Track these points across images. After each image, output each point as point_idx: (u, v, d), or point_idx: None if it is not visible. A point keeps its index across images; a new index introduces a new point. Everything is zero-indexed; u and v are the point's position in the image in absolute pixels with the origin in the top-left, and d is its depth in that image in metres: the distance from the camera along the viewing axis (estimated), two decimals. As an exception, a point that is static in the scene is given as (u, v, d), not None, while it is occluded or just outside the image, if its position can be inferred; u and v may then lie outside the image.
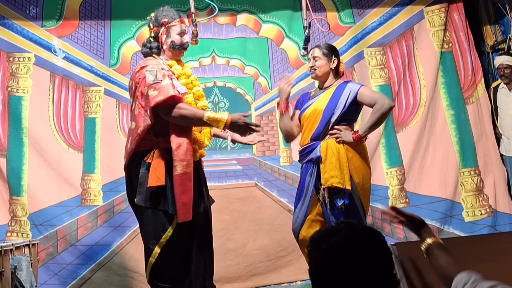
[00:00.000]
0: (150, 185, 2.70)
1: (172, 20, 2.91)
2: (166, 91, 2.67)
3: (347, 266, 1.19)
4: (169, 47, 2.92)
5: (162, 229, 2.74)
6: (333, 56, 3.29)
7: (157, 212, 2.75)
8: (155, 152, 2.75)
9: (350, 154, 3.12)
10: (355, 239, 1.23)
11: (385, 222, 4.72)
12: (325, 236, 1.28)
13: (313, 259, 1.27)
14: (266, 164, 4.82)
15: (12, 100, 4.42)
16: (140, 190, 2.75)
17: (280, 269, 4.45)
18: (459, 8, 5.09)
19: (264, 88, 4.93)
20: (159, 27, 2.90)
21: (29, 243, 3.63)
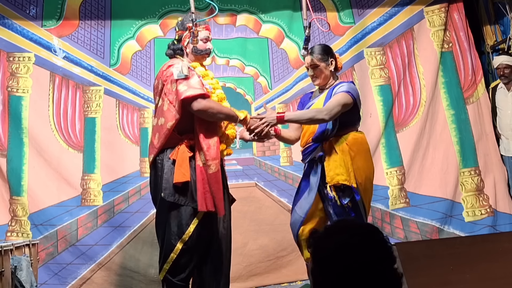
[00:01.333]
0: (176, 181, 2.78)
1: (197, 26, 3.01)
2: (195, 87, 2.82)
3: (352, 264, 1.19)
4: (191, 51, 3.03)
5: (185, 224, 2.80)
6: (329, 57, 3.23)
7: (181, 208, 2.82)
8: (179, 148, 2.83)
9: (352, 153, 3.10)
10: (359, 237, 1.24)
11: (385, 222, 4.72)
12: (329, 236, 1.28)
13: (318, 259, 1.27)
14: (266, 164, 4.82)
15: (12, 100, 4.42)
16: (166, 186, 2.82)
17: (280, 269, 4.45)
18: (459, 8, 5.09)
19: (264, 88, 4.93)
20: (184, 31, 3.04)
21: (29, 243, 3.64)
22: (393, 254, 1.25)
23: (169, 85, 2.85)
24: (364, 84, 4.95)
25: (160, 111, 2.89)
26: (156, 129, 2.92)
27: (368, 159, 3.19)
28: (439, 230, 4.69)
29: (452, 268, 2.35)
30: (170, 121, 2.83)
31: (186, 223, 2.81)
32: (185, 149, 2.84)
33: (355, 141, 3.13)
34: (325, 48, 3.28)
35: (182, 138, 2.87)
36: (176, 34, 3.08)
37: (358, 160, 3.10)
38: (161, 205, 2.88)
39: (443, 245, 2.75)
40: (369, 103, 4.90)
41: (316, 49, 3.26)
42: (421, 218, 4.71)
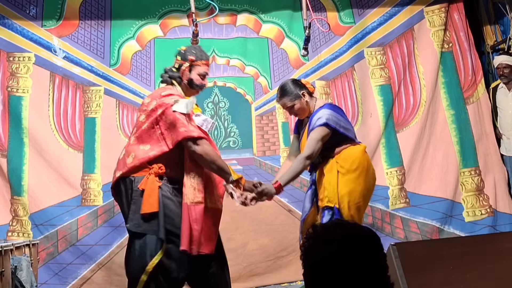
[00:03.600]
0: (144, 212, 2.71)
1: (198, 60, 2.97)
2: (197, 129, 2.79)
3: (342, 273, 1.19)
4: (186, 83, 2.98)
5: (149, 255, 2.70)
6: (299, 91, 3.21)
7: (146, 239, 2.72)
8: (148, 178, 2.76)
9: (343, 170, 3.10)
10: (351, 246, 1.22)
11: (385, 222, 4.72)
12: (320, 242, 1.26)
13: (308, 266, 1.26)
14: (266, 164, 4.82)
15: (12, 100, 4.42)
16: (133, 217, 2.74)
17: (280, 269, 4.45)
18: (459, 8, 5.09)
19: (264, 88, 4.93)
20: (184, 61, 2.97)
21: (29, 243, 3.64)
22: (386, 262, 1.24)
23: (164, 115, 2.78)
24: (364, 84, 4.95)
25: (146, 135, 2.82)
26: (133, 149, 2.84)
27: (361, 177, 3.12)
28: (439, 230, 4.69)
29: (452, 268, 2.35)
30: (154, 151, 2.77)
31: (150, 254, 2.70)
32: (154, 179, 2.76)
33: (347, 157, 3.13)
34: (291, 86, 3.23)
35: (152, 167, 2.79)
36: (176, 62, 3.00)
37: (347, 177, 3.09)
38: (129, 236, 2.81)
39: (443, 245, 2.74)
40: (369, 103, 4.90)
41: (284, 91, 3.23)
42: (421, 218, 4.71)
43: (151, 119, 2.82)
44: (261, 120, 4.90)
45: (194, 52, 2.98)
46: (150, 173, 2.77)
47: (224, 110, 4.87)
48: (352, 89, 4.99)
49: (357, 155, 3.16)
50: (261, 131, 4.89)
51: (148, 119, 2.83)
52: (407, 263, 2.28)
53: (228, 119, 4.86)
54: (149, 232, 2.72)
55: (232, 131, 4.84)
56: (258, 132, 4.88)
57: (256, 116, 4.90)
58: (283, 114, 4.90)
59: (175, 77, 2.97)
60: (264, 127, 4.89)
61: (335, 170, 3.11)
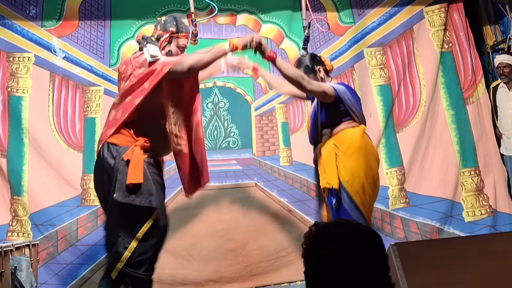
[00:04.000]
0: (130, 182, 2.75)
1: (179, 32, 2.99)
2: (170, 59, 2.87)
3: (343, 273, 1.19)
4: (165, 54, 2.99)
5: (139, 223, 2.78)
6: (315, 65, 3.26)
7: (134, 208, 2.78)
8: (134, 149, 2.81)
9: (339, 152, 3.11)
10: (352, 245, 1.22)
11: (385, 222, 4.72)
12: (321, 240, 1.26)
13: (310, 264, 1.26)
14: (266, 164, 4.82)
15: (12, 100, 4.42)
16: (120, 187, 2.77)
17: (280, 269, 4.45)
18: (459, 8, 5.09)
19: (264, 88, 4.93)
20: (164, 32, 2.99)
21: (29, 244, 3.64)
22: (387, 262, 1.24)
23: (142, 69, 2.86)
24: (364, 84, 4.95)
25: (127, 91, 2.89)
26: (119, 107, 2.91)
27: (360, 157, 3.11)
28: (439, 230, 4.69)
29: (452, 268, 2.35)
30: (138, 98, 2.84)
31: (139, 222, 2.78)
32: (140, 151, 2.82)
33: (344, 139, 3.13)
34: (309, 58, 3.30)
35: (138, 139, 2.86)
36: (155, 31, 3.03)
37: (345, 160, 3.08)
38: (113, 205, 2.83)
39: (443, 245, 2.75)
40: (369, 103, 4.89)
41: (301, 61, 3.29)
42: (421, 218, 4.71)
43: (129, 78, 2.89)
44: (261, 120, 4.90)
45: (175, 23, 2.99)
46: (136, 145, 2.82)
47: (224, 110, 4.87)
48: (352, 89, 4.99)
49: (354, 136, 3.15)
50: (261, 131, 4.89)
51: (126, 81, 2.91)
52: (407, 263, 2.28)
53: (228, 119, 4.86)
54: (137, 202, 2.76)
55: (232, 131, 4.84)
56: (258, 132, 4.88)
57: (255, 116, 4.90)
58: (283, 114, 4.90)
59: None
60: (263, 127, 4.89)
61: (333, 152, 3.11)
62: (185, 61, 2.84)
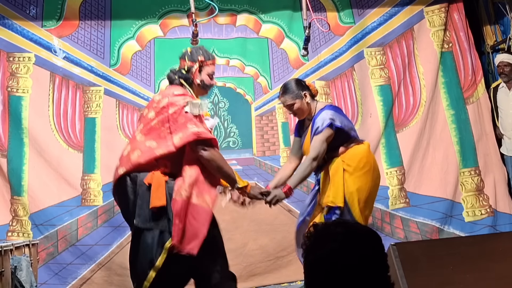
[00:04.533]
0: (153, 206, 2.67)
1: (207, 60, 2.96)
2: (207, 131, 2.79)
3: (343, 272, 1.19)
4: (197, 84, 2.95)
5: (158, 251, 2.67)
6: (301, 91, 3.24)
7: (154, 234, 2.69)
8: (154, 173, 2.74)
9: (350, 169, 3.14)
10: (352, 245, 1.22)
11: (385, 222, 4.72)
12: (321, 240, 1.26)
13: (309, 264, 1.26)
14: (266, 164, 4.82)
15: (12, 100, 4.42)
16: (140, 212, 2.70)
17: (280, 269, 4.45)
18: (459, 8, 5.09)
19: (264, 88, 4.93)
20: (193, 63, 2.93)
21: (29, 243, 3.64)
22: (387, 261, 1.23)
23: (176, 114, 2.74)
24: (364, 84, 4.95)
25: (154, 133, 2.78)
26: (139, 146, 2.79)
27: (368, 175, 3.16)
28: (439, 230, 4.69)
29: (452, 268, 2.35)
30: (161, 149, 2.73)
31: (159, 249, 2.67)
32: (160, 175, 2.73)
33: (353, 156, 3.17)
34: (295, 84, 3.27)
35: (158, 164, 2.76)
36: (184, 63, 2.95)
37: (354, 176, 3.12)
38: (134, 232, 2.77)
39: (443, 245, 2.75)
40: (369, 103, 4.90)
41: (286, 89, 3.26)
42: (421, 218, 4.71)
43: (161, 117, 2.78)
44: (261, 120, 4.90)
45: (201, 52, 2.96)
46: (156, 169, 2.75)
47: (224, 110, 4.87)
48: (352, 89, 4.99)
49: (364, 153, 3.20)
50: (261, 131, 4.89)
51: (157, 116, 2.80)
52: (407, 263, 2.28)
53: (228, 119, 4.86)
54: (157, 227, 2.68)
55: (232, 131, 4.84)
56: (258, 132, 4.88)
57: (256, 116, 4.90)
58: (283, 114, 4.90)
59: (186, 79, 2.93)
60: (264, 127, 4.89)
61: (341, 169, 3.13)
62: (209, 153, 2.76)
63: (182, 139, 2.71)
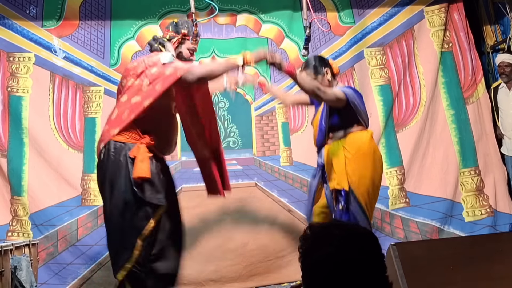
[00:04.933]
0: (136, 176, 2.75)
1: (190, 35, 3.06)
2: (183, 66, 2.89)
3: (341, 275, 1.19)
4: (176, 55, 3.05)
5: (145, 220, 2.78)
6: (323, 67, 3.29)
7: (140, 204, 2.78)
8: (140, 147, 2.82)
9: (349, 155, 3.16)
10: (349, 247, 1.21)
11: (385, 222, 4.72)
12: (318, 243, 1.25)
13: (307, 267, 1.26)
14: (266, 164, 4.82)
15: (12, 100, 4.42)
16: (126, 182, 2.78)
17: (280, 269, 4.45)
18: (459, 8, 5.08)
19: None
20: (176, 34, 3.06)
21: (29, 243, 3.64)
22: (384, 262, 1.23)
23: (154, 69, 2.87)
24: (364, 84, 4.95)
25: (134, 90, 2.88)
26: (126, 105, 2.88)
27: (368, 161, 3.19)
28: (439, 230, 4.69)
29: (452, 268, 2.35)
30: (147, 100, 2.82)
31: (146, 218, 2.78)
32: (145, 149, 2.83)
33: (353, 142, 3.20)
34: (318, 60, 3.34)
35: (144, 137, 2.87)
36: (166, 32, 3.09)
37: (354, 163, 3.15)
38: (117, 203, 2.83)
39: (443, 245, 2.75)
40: (369, 103, 4.87)
41: (309, 63, 3.33)
42: (421, 218, 4.71)
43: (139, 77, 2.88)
44: (261, 120, 4.90)
45: (187, 26, 3.06)
46: (142, 142, 2.83)
47: (224, 110, 4.87)
48: (352, 89, 4.99)
49: (363, 140, 3.22)
50: (261, 131, 4.89)
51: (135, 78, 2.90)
52: (407, 263, 2.28)
53: (228, 119, 4.86)
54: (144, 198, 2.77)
55: (232, 131, 4.84)
56: (258, 132, 4.88)
57: (256, 116, 4.90)
58: (283, 114, 4.90)
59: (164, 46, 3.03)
60: (264, 127, 4.89)
61: (342, 155, 3.17)
62: (196, 71, 2.86)
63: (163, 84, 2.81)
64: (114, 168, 2.84)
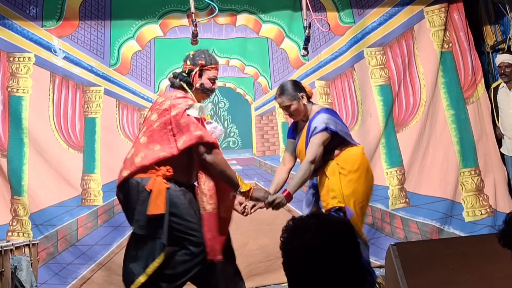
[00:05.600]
0: (151, 213, 2.67)
1: (208, 65, 2.97)
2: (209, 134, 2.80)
3: (318, 261, 1.27)
4: (196, 88, 2.96)
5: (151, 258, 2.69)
6: (299, 92, 3.24)
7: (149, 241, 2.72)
8: (156, 179, 2.73)
9: (344, 172, 3.17)
10: (325, 235, 1.30)
11: (385, 222, 4.72)
12: (297, 232, 1.38)
13: (286, 254, 1.39)
14: (266, 164, 4.82)
15: (12, 100, 4.42)
16: (138, 218, 2.72)
17: (280, 269, 4.35)
18: (459, 8, 5.08)
19: (264, 88, 4.93)
20: (194, 66, 2.95)
21: (29, 243, 3.64)
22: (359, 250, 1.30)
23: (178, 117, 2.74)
24: (364, 84, 4.95)
25: (157, 135, 2.79)
26: (143, 149, 2.79)
27: (362, 178, 3.19)
28: (439, 230, 4.69)
29: (452, 268, 2.35)
30: (164, 152, 2.74)
31: (152, 256, 2.69)
32: (162, 181, 2.73)
33: (347, 158, 3.20)
34: (292, 85, 3.28)
35: (160, 168, 2.75)
36: (185, 66, 2.98)
37: (348, 177, 3.15)
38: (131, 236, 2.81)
39: (443, 245, 2.75)
40: (369, 103, 4.90)
41: (284, 90, 3.26)
42: (421, 218, 4.71)
43: (164, 119, 2.78)
44: (261, 120, 4.90)
45: (203, 56, 2.97)
46: (158, 175, 2.74)
47: (224, 110, 4.87)
48: (352, 89, 4.99)
49: (357, 156, 3.23)
50: (261, 131, 4.89)
51: (160, 118, 2.80)
52: (407, 263, 2.28)
53: (228, 119, 4.86)
54: (152, 235, 2.70)
55: (232, 131, 4.84)
56: (258, 132, 4.88)
57: (256, 116, 4.90)
58: (283, 114, 4.89)
59: (186, 82, 2.94)
60: (264, 127, 4.89)
61: (337, 172, 3.16)
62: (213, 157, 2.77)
63: (186, 142, 2.72)
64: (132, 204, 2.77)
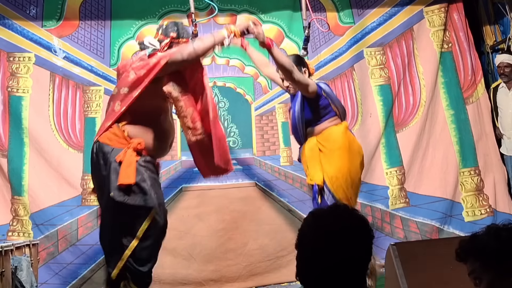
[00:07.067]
0: (121, 183, 2.76)
1: (180, 38, 3.02)
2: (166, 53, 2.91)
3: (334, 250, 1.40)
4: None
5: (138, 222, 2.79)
6: (301, 67, 3.29)
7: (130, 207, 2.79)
8: (127, 151, 2.82)
9: (324, 149, 3.19)
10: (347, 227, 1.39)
11: (385, 222, 4.72)
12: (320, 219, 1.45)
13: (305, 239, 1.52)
14: (266, 164, 4.82)
15: (12, 100, 4.43)
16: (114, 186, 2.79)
17: (280, 269, 4.46)
18: (459, 8, 5.09)
19: (264, 88, 4.93)
20: (166, 37, 3.00)
21: (30, 243, 3.64)
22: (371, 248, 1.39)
23: (140, 62, 2.89)
24: (364, 84, 4.95)
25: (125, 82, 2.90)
26: (117, 98, 2.91)
27: (343, 154, 3.18)
28: (439, 230, 4.70)
29: (452, 268, 2.35)
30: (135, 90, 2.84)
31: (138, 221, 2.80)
32: (132, 153, 2.82)
33: (328, 136, 3.21)
34: (296, 59, 3.33)
35: (131, 141, 2.86)
36: (157, 36, 3.04)
37: (329, 157, 3.16)
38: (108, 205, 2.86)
39: (443, 245, 2.75)
40: (369, 103, 4.90)
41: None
42: (421, 218, 4.72)
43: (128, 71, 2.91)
44: (261, 120, 4.90)
45: (176, 29, 3.02)
46: (129, 147, 2.83)
47: (224, 110, 4.87)
48: (351, 89, 4.99)
49: (338, 134, 3.23)
50: (261, 131, 4.89)
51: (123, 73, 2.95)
52: (407, 263, 2.29)
53: (228, 119, 4.86)
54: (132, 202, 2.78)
55: (232, 131, 4.85)
56: (258, 132, 4.88)
57: (256, 116, 4.90)
58: (283, 114, 4.91)
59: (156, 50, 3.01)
60: (264, 127, 4.89)
61: (317, 149, 3.20)
62: (185, 50, 2.88)
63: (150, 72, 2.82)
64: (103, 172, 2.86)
